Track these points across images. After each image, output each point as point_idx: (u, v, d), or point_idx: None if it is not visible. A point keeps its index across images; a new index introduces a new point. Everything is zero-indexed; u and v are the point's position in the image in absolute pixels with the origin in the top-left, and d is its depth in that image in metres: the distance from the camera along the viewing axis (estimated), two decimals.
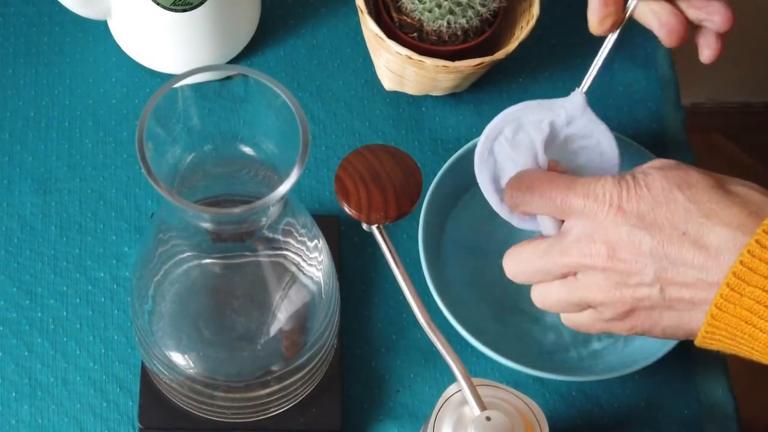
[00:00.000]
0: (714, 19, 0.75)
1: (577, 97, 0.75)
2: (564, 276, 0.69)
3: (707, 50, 0.77)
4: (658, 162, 0.69)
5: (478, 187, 0.73)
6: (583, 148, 0.75)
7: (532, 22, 0.86)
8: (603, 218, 0.67)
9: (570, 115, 0.75)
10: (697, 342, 0.67)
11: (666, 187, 0.66)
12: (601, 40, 0.76)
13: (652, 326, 0.68)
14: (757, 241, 0.62)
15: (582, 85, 0.75)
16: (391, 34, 0.85)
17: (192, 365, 0.72)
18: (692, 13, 0.75)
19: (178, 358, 0.72)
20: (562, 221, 0.70)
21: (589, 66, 0.75)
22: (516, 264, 0.71)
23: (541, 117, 0.74)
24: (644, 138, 0.91)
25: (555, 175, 0.70)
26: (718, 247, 0.64)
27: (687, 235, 0.65)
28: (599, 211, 0.67)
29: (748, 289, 0.63)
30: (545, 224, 0.71)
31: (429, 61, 0.83)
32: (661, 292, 0.66)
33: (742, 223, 0.64)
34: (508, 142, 0.74)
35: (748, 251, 0.62)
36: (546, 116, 0.74)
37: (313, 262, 0.70)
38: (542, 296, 0.71)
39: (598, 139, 0.75)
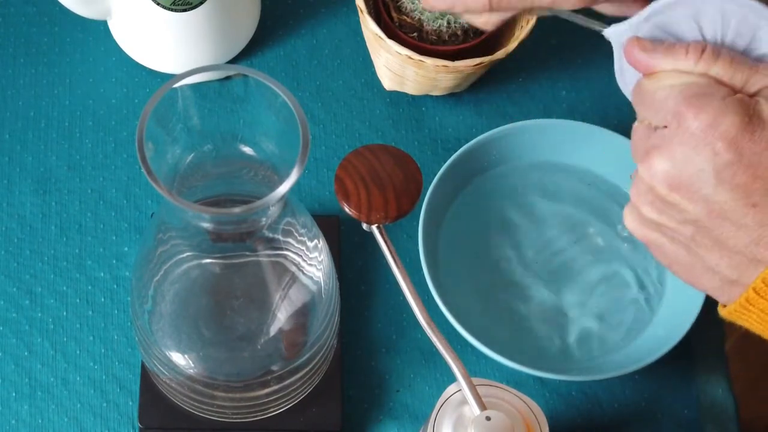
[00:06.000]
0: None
1: None
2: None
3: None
4: None
5: (478, 187, 0.73)
6: None
7: (532, 22, 0.86)
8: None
9: None
10: (723, 314, 0.64)
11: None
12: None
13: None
14: None
15: None
16: (391, 34, 0.85)
17: (192, 365, 0.72)
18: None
19: (178, 358, 0.72)
20: None
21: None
22: None
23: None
24: None
25: None
26: None
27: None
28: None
29: None
30: None
31: (429, 61, 0.83)
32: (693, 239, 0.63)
33: None
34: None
35: None
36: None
37: (313, 262, 0.70)
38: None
39: None
